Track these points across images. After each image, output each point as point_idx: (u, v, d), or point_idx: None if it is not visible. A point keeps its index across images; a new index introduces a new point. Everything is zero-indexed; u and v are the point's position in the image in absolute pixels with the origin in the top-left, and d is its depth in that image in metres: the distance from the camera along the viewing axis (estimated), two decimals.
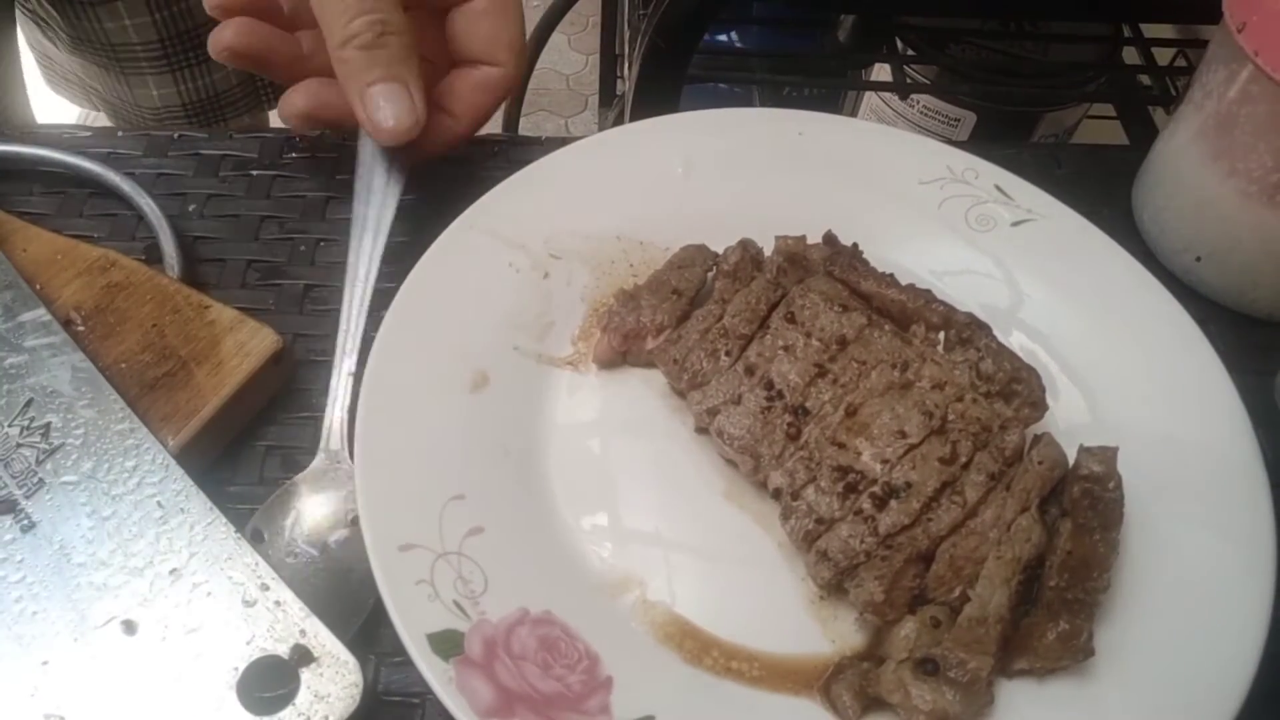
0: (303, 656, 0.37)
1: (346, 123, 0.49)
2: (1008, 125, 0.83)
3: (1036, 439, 0.43)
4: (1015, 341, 0.49)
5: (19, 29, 0.79)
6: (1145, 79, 0.82)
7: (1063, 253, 0.53)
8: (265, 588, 0.39)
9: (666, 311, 0.48)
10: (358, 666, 0.37)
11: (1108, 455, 0.42)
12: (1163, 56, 0.82)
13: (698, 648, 0.41)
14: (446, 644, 0.38)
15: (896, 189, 0.55)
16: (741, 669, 0.40)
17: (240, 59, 0.49)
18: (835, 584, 0.41)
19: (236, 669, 0.37)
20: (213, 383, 0.45)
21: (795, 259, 0.49)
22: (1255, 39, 0.47)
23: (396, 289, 0.47)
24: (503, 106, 1.44)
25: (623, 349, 0.49)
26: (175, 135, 0.59)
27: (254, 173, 0.58)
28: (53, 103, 0.91)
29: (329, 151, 0.59)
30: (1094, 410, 0.48)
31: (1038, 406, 0.45)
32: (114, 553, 0.39)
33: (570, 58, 2.05)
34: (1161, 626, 0.41)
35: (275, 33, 0.50)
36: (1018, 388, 0.45)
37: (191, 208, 0.56)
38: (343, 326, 0.47)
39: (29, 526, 0.40)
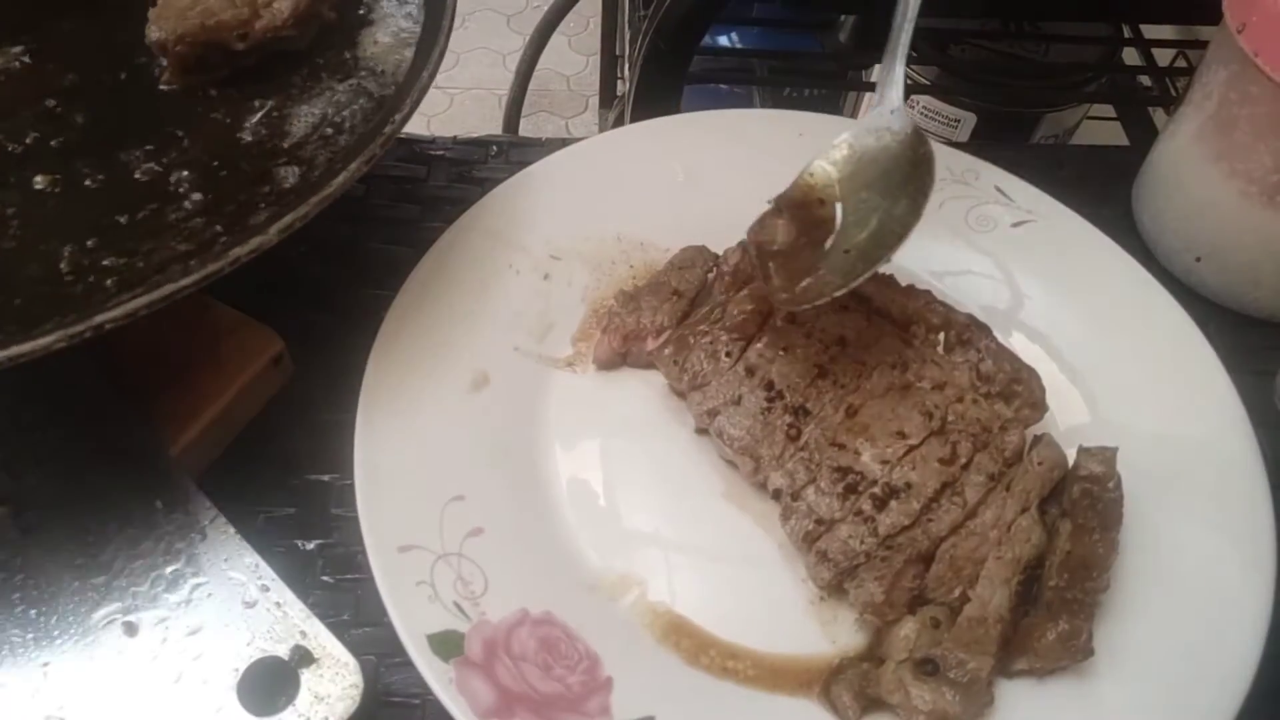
0: (303, 657, 0.37)
1: None
2: (1008, 126, 0.83)
3: (1036, 439, 0.43)
4: (1015, 342, 0.49)
5: None
6: (1145, 80, 0.82)
7: (1063, 253, 0.53)
8: (265, 588, 0.39)
9: (667, 312, 0.48)
10: (358, 667, 0.37)
11: (1108, 455, 0.42)
12: (1163, 57, 0.82)
13: (695, 646, 0.41)
14: (446, 645, 0.38)
15: None
16: (738, 668, 0.40)
17: None
18: (835, 584, 0.41)
19: (237, 670, 0.37)
20: (213, 384, 0.45)
21: None
22: (1255, 40, 0.47)
23: (397, 289, 0.48)
24: (503, 108, 1.44)
25: (623, 350, 0.49)
26: None
27: None
28: None
29: None
30: (1094, 410, 0.48)
31: (1038, 407, 0.45)
32: (115, 553, 0.39)
33: (570, 59, 2.05)
34: (1161, 626, 0.41)
35: None
36: (1018, 388, 0.45)
37: None
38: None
39: (29, 527, 0.40)
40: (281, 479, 0.46)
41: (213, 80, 0.46)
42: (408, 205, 0.57)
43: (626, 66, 1.13)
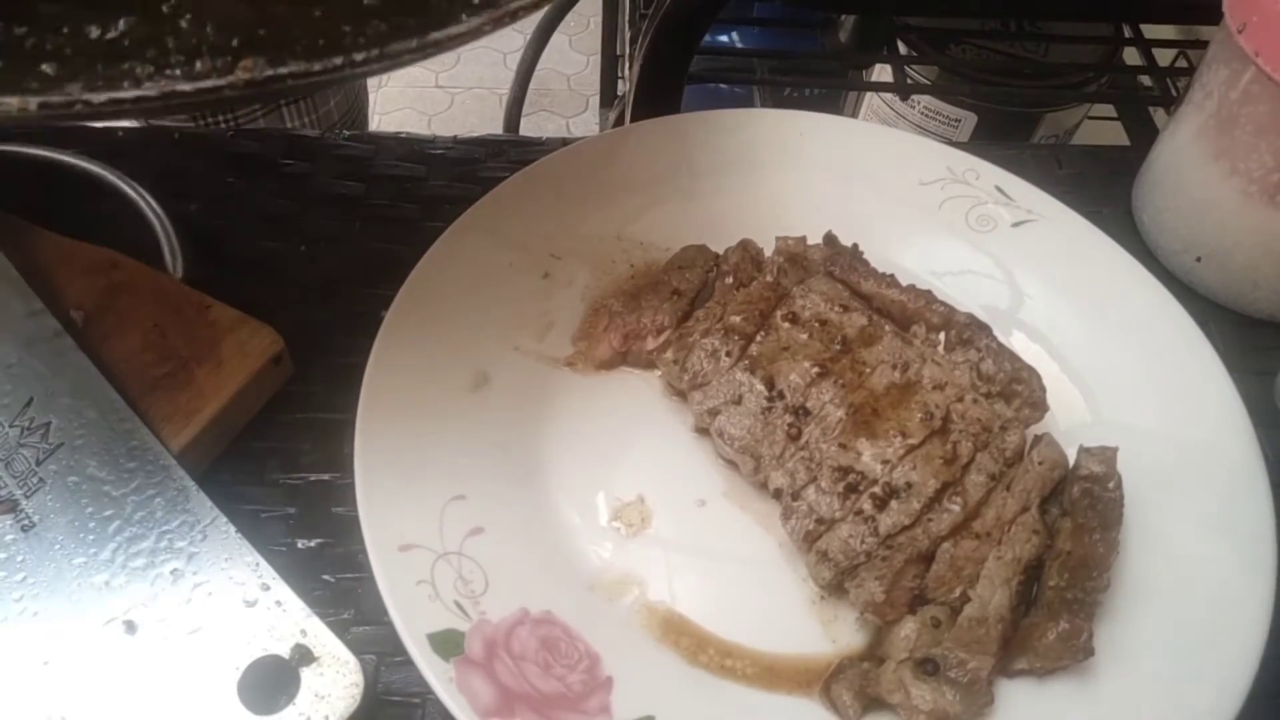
0: (304, 656, 0.37)
1: None
2: (1008, 126, 0.83)
3: (1037, 439, 0.43)
4: (1016, 342, 0.49)
5: None
6: (1146, 79, 0.82)
7: (1063, 253, 0.53)
8: (266, 588, 0.39)
9: (667, 312, 0.48)
10: (358, 666, 0.37)
11: (1108, 455, 0.42)
12: (1163, 57, 0.82)
13: (693, 645, 0.41)
14: (447, 644, 0.38)
15: (897, 189, 0.55)
16: (736, 667, 0.40)
17: None
18: (836, 584, 0.41)
19: (238, 669, 0.37)
20: (214, 383, 0.45)
21: (796, 259, 0.49)
22: (1256, 40, 0.47)
23: (397, 289, 0.48)
24: (503, 107, 1.44)
25: (623, 349, 0.49)
26: (176, 135, 0.59)
27: (256, 172, 0.58)
28: None
29: (331, 151, 0.59)
30: (1094, 410, 0.48)
31: (1038, 407, 0.45)
32: (115, 553, 0.39)
33: (571, 58, 2.05)
34: (1161, 626, 0.41)
35: None
36: (1018, 388, 0.45)
37: (193, 207, 0.56)
38: None
39: (29, 526, 0.40)
40: (281, 478, 0.46)
41: None
42: (408, 205, 0.57)
43: (627, 66, 1.13)
